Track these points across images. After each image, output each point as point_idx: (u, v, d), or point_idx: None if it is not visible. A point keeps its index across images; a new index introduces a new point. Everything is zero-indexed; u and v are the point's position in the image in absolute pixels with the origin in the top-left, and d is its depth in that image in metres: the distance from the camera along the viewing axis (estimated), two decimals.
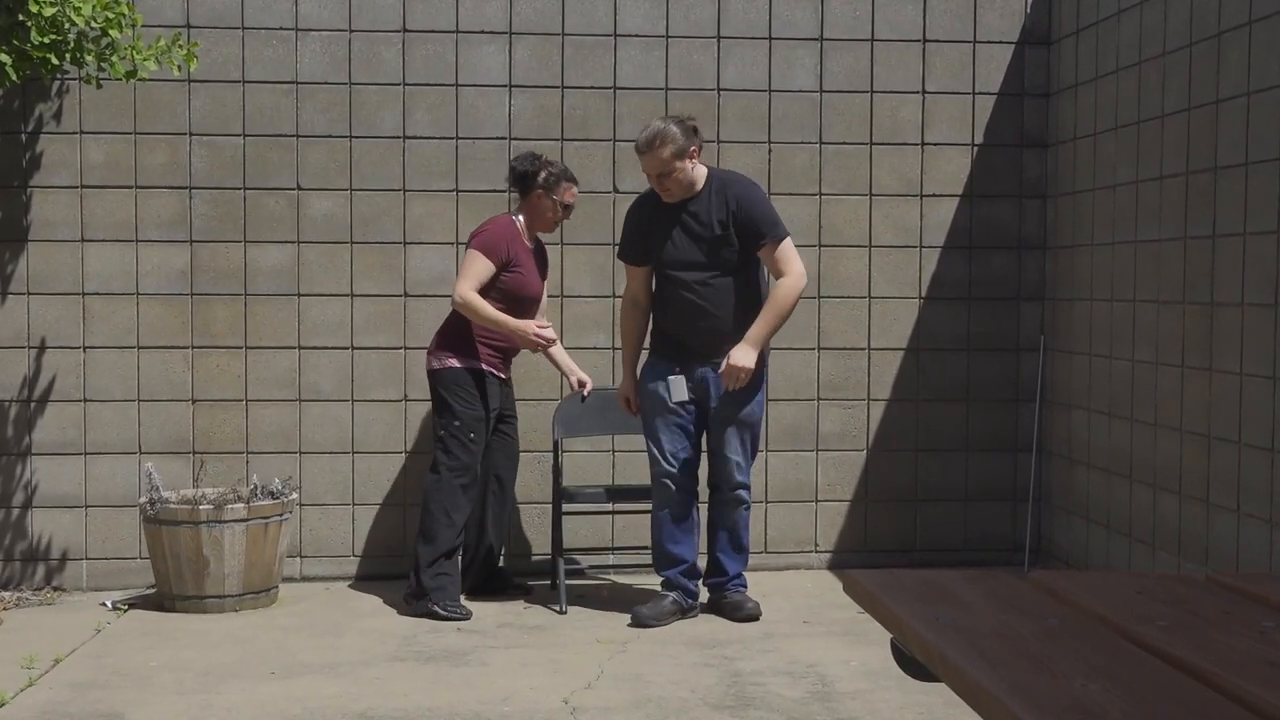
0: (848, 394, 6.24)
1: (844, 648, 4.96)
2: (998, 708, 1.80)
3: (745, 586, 5.42)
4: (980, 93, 6.27)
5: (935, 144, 6.25)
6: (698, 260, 5.27)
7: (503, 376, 5.63)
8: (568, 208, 5.61)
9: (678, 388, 5.29)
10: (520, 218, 5.61)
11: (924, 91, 6.23)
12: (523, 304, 5.54)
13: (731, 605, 5.34)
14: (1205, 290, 4.95)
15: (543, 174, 5.52)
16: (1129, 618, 2.23)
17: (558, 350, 5.71)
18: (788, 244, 5.27)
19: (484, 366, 5.53)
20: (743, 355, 5.16)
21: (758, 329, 5.20)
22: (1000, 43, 6.26)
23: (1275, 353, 4.51)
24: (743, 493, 5.36)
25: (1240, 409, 4.73)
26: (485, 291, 5.45)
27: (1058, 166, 6.23)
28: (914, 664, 2.40)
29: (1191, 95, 5.04)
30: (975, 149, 6.27)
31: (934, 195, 6.25)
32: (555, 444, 5.77)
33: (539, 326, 5.50)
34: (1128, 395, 5.56)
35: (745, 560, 5.44)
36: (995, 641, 2.09)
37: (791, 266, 5.24)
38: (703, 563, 5.46)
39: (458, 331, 5.53)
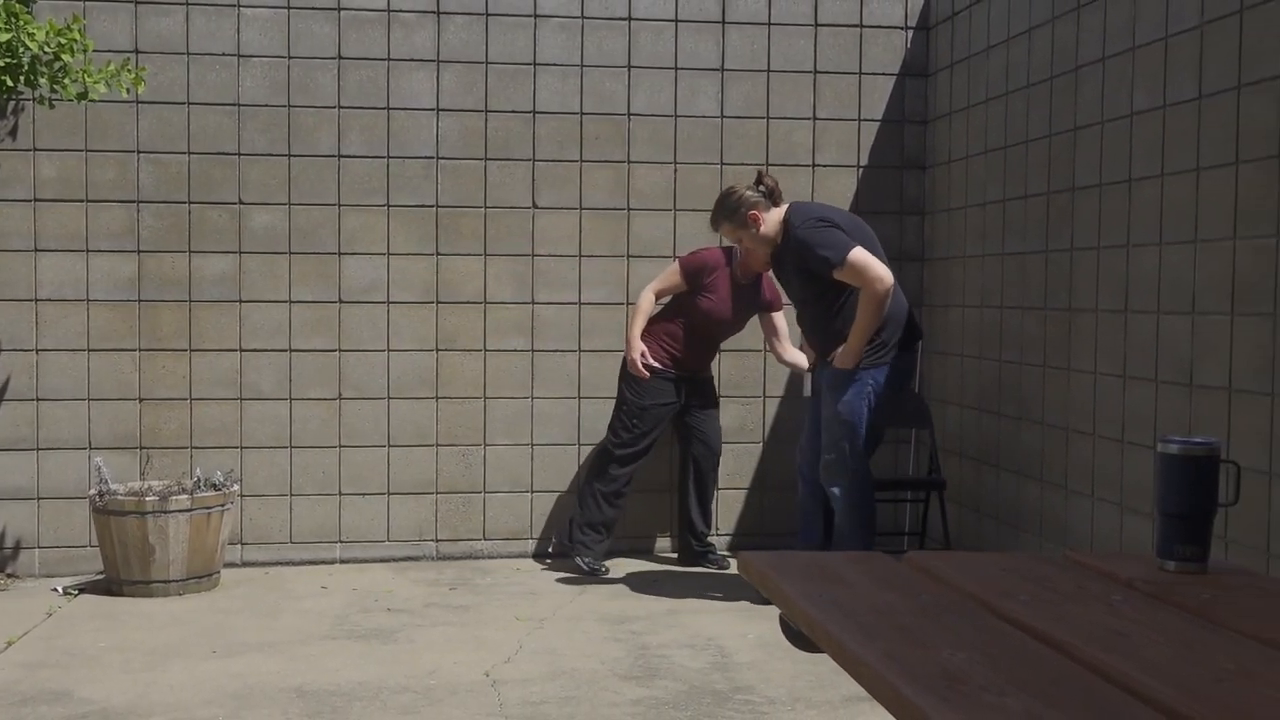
0: (746, 392, 6.25)
1: (742, 622, 4.96)
2: (873, 675, 1.80)
3: None
4: (865, 119, 6.31)
5: (825, 165, 6.28)
6: (797, 296, 5.25)
7: (673, 373, 5.72)
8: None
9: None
10: (737, 253, 5.58)
11: (815, 118, 6.27)
12: (706, 327, 5.68)
13: None
14: (1064, 298, 5.01)
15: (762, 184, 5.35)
16: (994, 594, 2.23)
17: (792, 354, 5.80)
18: (852, 262, 4.90)
19: (654, 364, 5.67)
20: (843, 359, 5.02)
21: (854, 337, 4.99)
22: (883, 74, 6.31)
23: (1125, 354, 4.58)
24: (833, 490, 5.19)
25: (1094, 404, 4.79)
26: (680, 306, 5.68)
27: (934, 186, 6.29)
28: (800, 637, 2.39)
29: (1052, 123, 5.11)
30: (861, 170, 6.31)
31: None
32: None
33: (639, 355, 5.64)
34: (996, 392, 5.61)
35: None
36: (872, 616, 2.09)
37: (864, 278, 4.92)
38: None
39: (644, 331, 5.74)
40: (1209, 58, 4.11)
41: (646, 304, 5.69)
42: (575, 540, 5.75)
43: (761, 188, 5.17)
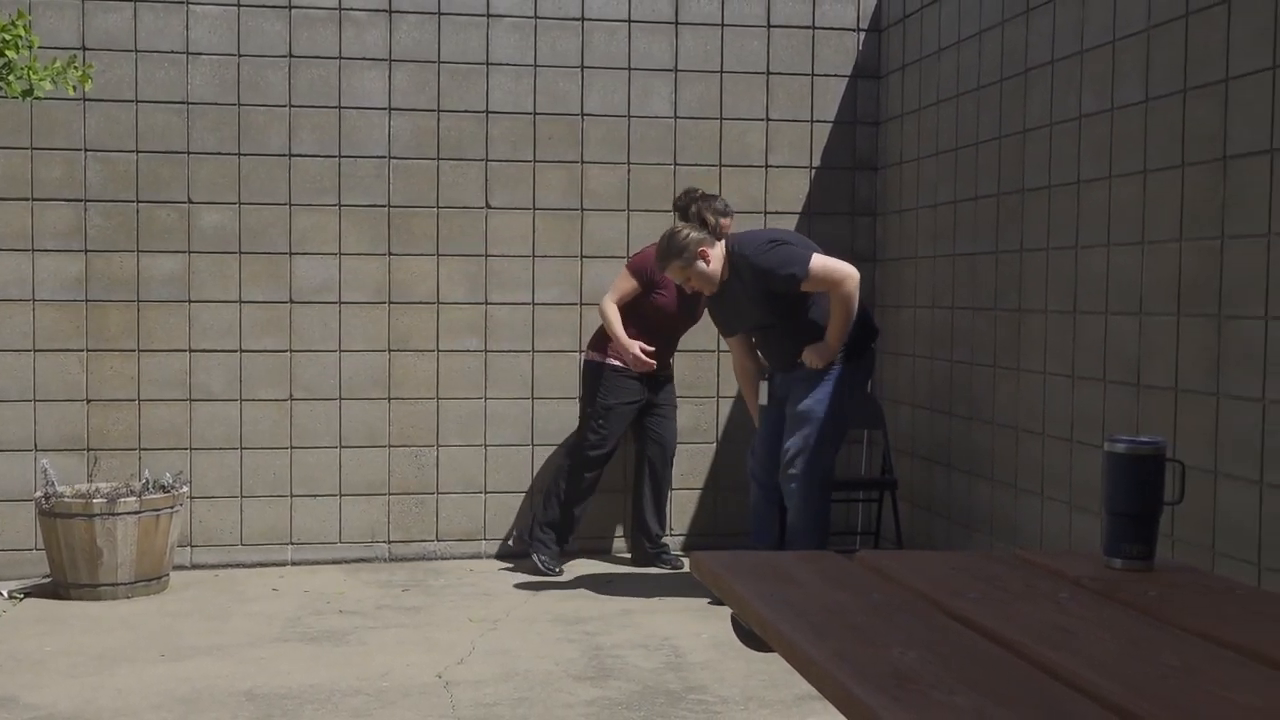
0: (699, 393, 6.26)
1: (695, 622, 4.97)
2: (823, 675, 1.80)
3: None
4: (818, 121, 6.34)
5: (778, 166, 6.30)
6: (760, 322, 5.24)
7: (635, 371, 5.68)
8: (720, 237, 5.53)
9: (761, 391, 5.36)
10: None
11: (768, 119, 6.29)
12: (662, 322, 5.64)
13: None
14: (1014, 298, 5.06)
15: (691, 209, 5.38)
16: (944, 592, 2.25)
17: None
18: (816, 269, 5.00)
19: (616, 363, 5.66)
20: (819, 351, 5.08)
21: (833, 334, 5.07)
22: (835, 76, 6.34)
23: (1074, 354, 4.63)
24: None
25: (1044, 404, 4.84)
26: (635, 308, 5.62)
27: (886, 187, 6.32)
28: (752, 637, 2.40)
29: (1002, 125, 5.15)
30: (813, 171, 6.34)
31: (777, 213, 6.31)
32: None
33: (641, 349, 5.58)
34: (947, 392, 5.65)
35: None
36: (823, 616, 2.10)
37: (831, 280, 5.01)
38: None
39: (600, 330, 5.77)
40: (1155, 62, 4.16)
41: (614, 310, 5.64)
42: (535, 538, 5.76)
43: (705, 227, 5.20)
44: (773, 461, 5.24)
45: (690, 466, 6.28)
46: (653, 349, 5.66)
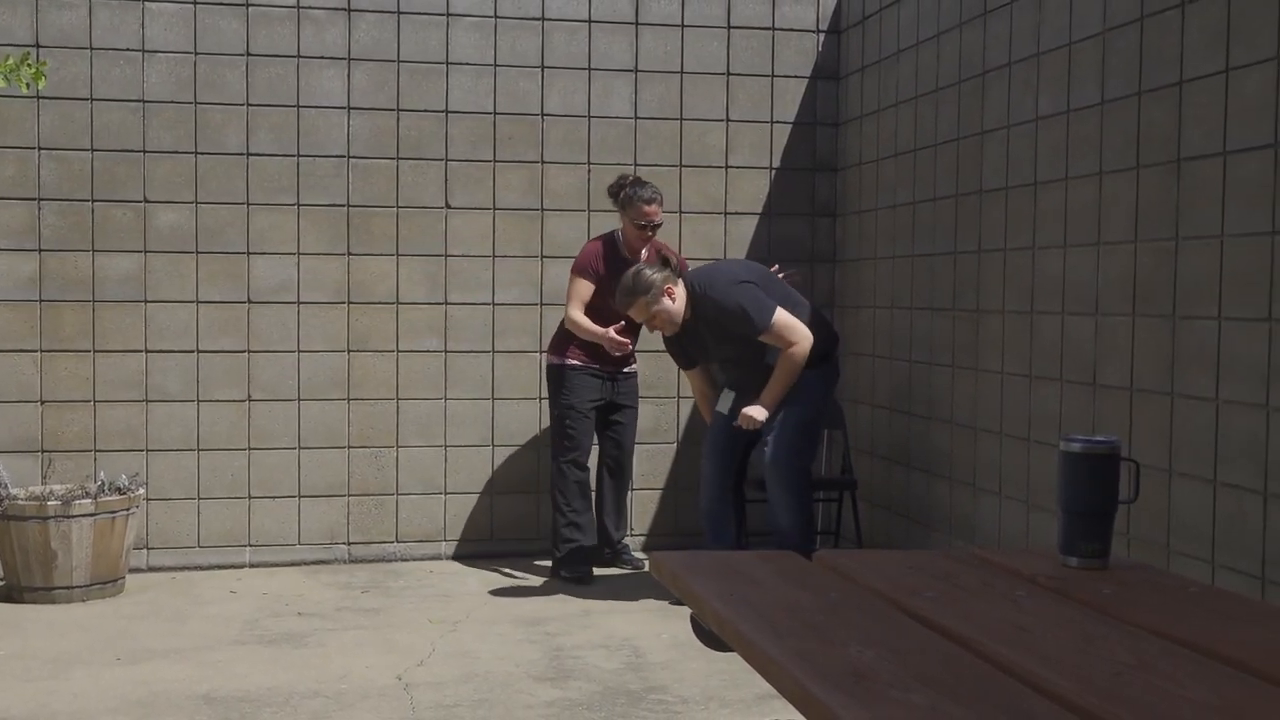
0: (660, 393, 6.27)
1: (656, 622, 4.97)
2: (781, 673, 1.81)
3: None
4: (777, 122, 6.36)
5: (738, 167, 6.32)
6: (726, 355, 5.29)
7: (597, 368, 5.65)
8: (649, 226, 5.53)
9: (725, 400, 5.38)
10: (619, 234, 5.66)
11: (728, 120, 6.30)
12: (615, 316, 5.55)
13: None
14: (972, 299, 5.09)
15: (620, 195, 5.54)
16: (901, 591, 2.26)
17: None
18: (777, 324, 5.05)
19: (574, 362, 5.62)
20: (756, 411, 5.12)
21: (770, 394, 5.12)
22: (795, 77, 6.36)
23: (1031, 355, 4.66)
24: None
25: (1001, 404, 4.87)
26: (590, 306, 5.58)
27: (845, 188, 6.35)
28: (711, 636, 2.41)
29: (960, 127, 5.18)
30: (773, 172, 6.36)
31: (737, 213, 6.33)
32: None
33: (616, 330, 5.52)
34: (906, 392, 5.69)
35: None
36: (782, 615, 2.11)
37: (789, 338, 5.07)
38: None
39: (557, 335, 5.75)
40: (1111, 65, 4.20)
41: (584, 317, 5.56)
42: (560, 556, 5.70)
43: (667, 267, 5.23)
44: (727, 462, 5.27)
45: (651, 467, 6.28)
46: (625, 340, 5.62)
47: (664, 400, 6.28)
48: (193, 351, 5.84)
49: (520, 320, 6.13)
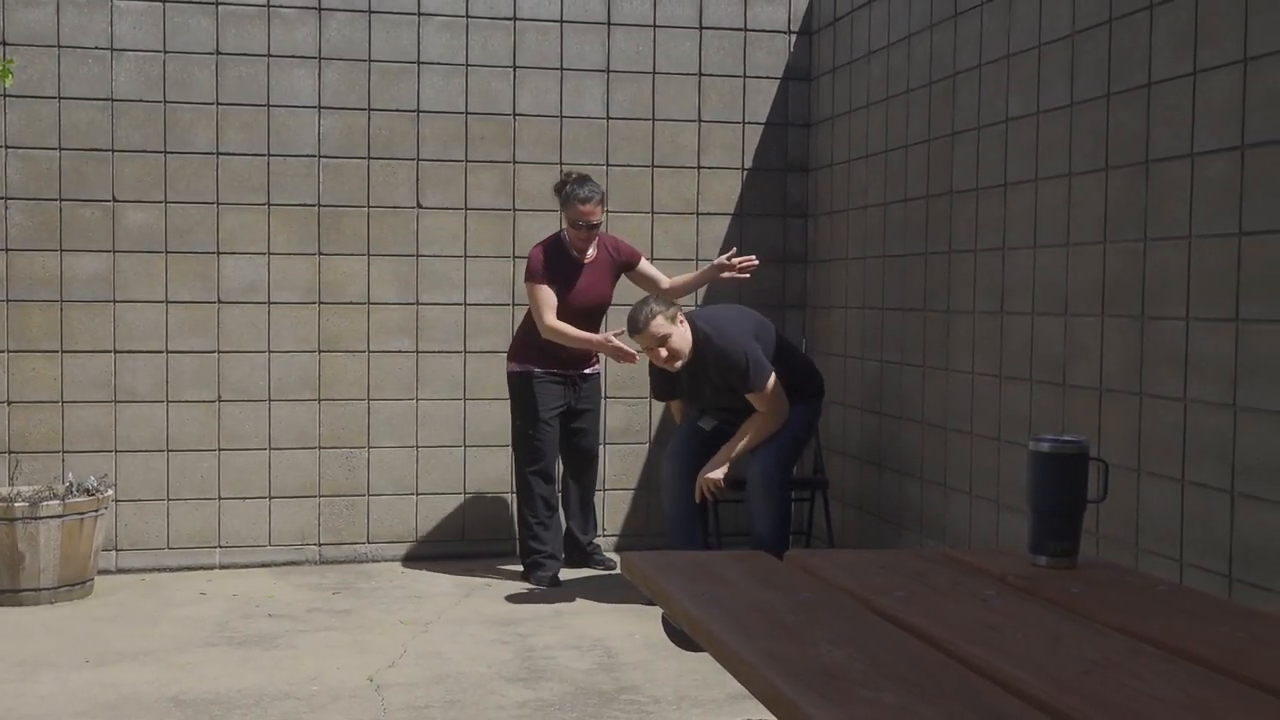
0: (631, 393, 6.27)
1: (628, 622, 4.97)
2: (752, 673, 1.81)
3: None
4: (749, 122, 6.37)
5: (710, 167, 6.33)
6: (716, 404, 5.32)
7: (558, 373, 5.59)
8: (588, 226, 5.47)
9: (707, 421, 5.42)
10: (564, 234, 5.60)
11: (700, 120, 6.31)
12: (573, 315, 5.50)
13: None
14: (943, 299, 5.11)
15: (561, 193, 5.51)
16: (871, 590, 2.27)
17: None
18: (768, 391, 5.15)
19: (536, 370, 5.55)
20: (717, 473, 5.18)
21: (731, 451, 5.19)
22: (767, 78, 6.38)
23: (1001, 355, 4.68)
24: None
25: (972, 404, 4.89)
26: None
27: (817, 189, 6.37)
28: (682, 636, 2.41)
29: (931, 128, 5.20)
30: (745, 172, 6.37)
31: (709, 213, 6.33)
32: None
33: (615, 335, 5.46)
34: (878, 392, 5.70)
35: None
36: (753, 615, 2.11)
37: (773, 406, 5.17)
38: None
39: (516, 341, 5.69)
40: (1080, 66, 4.22)
41: (560, 323, 5.47)
42: (525, 564, 5.68)
43: (673, 306, 5.21)
44: (691, 467, 5.30)
45: (623, 467, 6.28)
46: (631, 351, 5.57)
47: (635, 401, 6.28)
48: (162, 352, 5.80)
49: (492, 320, 6.12)
